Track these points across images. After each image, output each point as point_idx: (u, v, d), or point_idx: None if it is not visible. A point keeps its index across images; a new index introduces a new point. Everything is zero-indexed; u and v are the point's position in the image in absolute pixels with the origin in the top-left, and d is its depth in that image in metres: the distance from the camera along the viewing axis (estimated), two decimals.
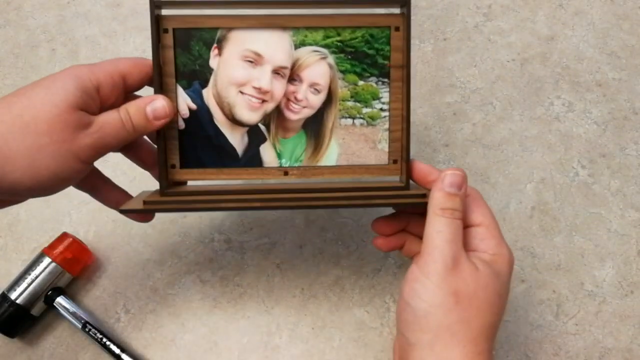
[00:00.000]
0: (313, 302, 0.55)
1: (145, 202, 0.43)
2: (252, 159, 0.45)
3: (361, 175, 0.46)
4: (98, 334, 0.52)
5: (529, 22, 0.67)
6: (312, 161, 0.46)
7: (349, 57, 0.44)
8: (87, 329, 0.52)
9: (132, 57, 0.44)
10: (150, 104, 0.41)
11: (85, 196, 0.61)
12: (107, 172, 0.48)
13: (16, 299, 0.51)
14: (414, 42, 0.66)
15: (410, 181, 0.45)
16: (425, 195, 0.42)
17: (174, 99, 0.44)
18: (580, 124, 0.61)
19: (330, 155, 0.46)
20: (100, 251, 0.58)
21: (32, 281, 0.52)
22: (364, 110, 0.45)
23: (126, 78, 0.42)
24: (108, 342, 0.52)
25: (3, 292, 0.52)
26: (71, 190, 0.61)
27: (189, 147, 0.45)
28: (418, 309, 0.39)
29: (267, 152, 0.46)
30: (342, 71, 0.45)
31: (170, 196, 0.44)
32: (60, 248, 0.54)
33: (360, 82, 0.45)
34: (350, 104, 0.45)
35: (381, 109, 0.45)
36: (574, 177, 0.59)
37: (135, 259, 0.57)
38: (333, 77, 0.45)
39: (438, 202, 0.41)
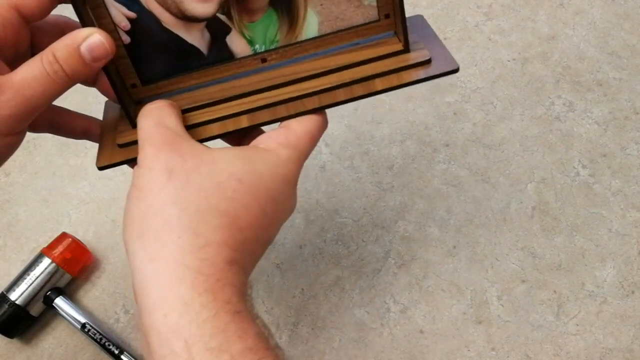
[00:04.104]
0: (313, 302, 0.55)
1: (120, 145, 0.37)
2: (220, 53, 0.39)
3: (351, 39, 0.39)
4: (97, 335, 0.52)
5: (530, 21, 0.67)
6: (290, 39, 0.39)
7: None
8: (86, 329, 0.52)
9: None
10: (85, 43, 0.32)
11: (84, 196, 0.61)
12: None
13: (16, 299, 0.51)
14: None
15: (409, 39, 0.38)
16: (430, 60, 0.37)
17: (105, 15, 0.35)
18: (581, 124, 0.61)
19: (310, 27, 0.38)
20: (99, 251, 0.58)
21: (32, 281, 0.52)
22: None
23: (20, 8, 0.34)
24: (107, 343, 0.52)
25: (2, 293, 0.52)
26: (70, 190, 0.62)
27: (144, 60, 0.38)
28: (131, 197, 0.31)
29: (235, 42, 0.38)
30: None
31: None
32: (60, 248, 0.54)
33: None
34: None
35: None
36: (575, 177, 0.58)
37: None
38: None
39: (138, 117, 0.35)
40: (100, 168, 0.38)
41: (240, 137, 0.41)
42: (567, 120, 0.61)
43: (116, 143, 0.38)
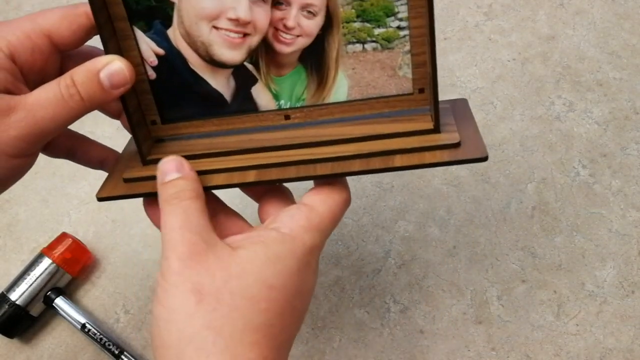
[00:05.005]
0: (313, 302, 0.55)
1: (126, 180, 0.37)
2: (243, 103, 0.38)
3: (380, 110, 0.37)
4: (97, 335, 0.52)
5: (530, 21, 0.67)
6: (317, 99, 0.37)
7: None
8: (86, 330, 0.52)
9: (60, 7, 0.34)
10: (105, 69, 0.32)
11: (84, 196, 0.61)
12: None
13: (16, 299, 0.51)
14: None
15: (442, 120, 0.36)
16: (459, 144, 0.34)
17: (134, 47, 0.36)
18: (581, 124, 0.61)
19: (339, 90, 0.37)
20: (99, 251, 0.58)
21: (32, 282, 0.52)
22: (376, 31, 0.35)
23: (52, 37, 0.33)
24: (107, 343, 0.52)
25: (2, 293, 0.52)
26: (70, 190, 0.62)
27: (166, 98, 0.38)
28: (159, 318, 0.30)
29: (261, 95, 0.38)
30: None
31: (154, 165, 0.36)
32: (60, 248, 0.54)
33: None
34: (357, 25, 0.35)
35: (398, 27, 0.35)
36: (575, 177, 0.58)
37: (134, 259, 0.57)
38: None
39: (160, 196, 0.33)
40: (100, 199, 0.37)
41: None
42: (567, 120, 0.61)
43: (122, 177, 0.38)
